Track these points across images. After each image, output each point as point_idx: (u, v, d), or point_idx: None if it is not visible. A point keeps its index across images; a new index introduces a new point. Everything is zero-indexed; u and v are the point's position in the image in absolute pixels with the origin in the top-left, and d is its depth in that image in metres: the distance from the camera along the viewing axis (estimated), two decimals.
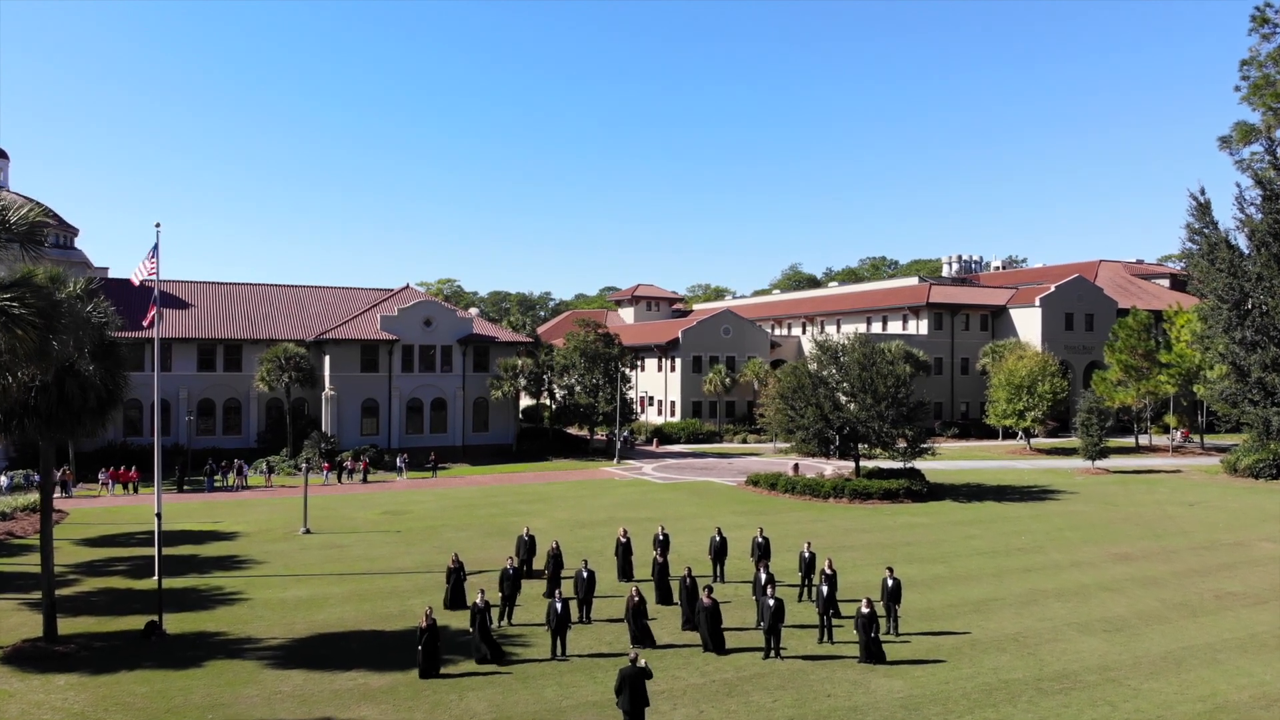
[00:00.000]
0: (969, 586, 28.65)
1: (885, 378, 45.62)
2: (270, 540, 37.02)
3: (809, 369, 48.32)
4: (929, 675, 20.68)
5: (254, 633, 24.32)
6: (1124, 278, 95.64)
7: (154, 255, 30.73)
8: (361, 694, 19.68)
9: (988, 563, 32.07)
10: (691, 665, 21.42)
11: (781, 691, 19.68)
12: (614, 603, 26.53)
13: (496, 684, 20.27)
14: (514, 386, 64.84)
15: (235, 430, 63.94)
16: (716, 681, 20.32)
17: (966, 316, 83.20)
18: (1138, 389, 66.06)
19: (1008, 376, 65.24)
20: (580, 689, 19.92)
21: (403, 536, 37.49)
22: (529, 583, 28.96)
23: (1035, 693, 19.69)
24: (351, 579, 30.21)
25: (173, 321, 63.84)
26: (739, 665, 21.39)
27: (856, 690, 19.77)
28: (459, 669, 21.20)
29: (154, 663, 21.88)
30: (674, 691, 19.67)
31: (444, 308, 67.05)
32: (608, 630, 24.19)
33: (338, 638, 23.81)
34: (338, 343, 62.56)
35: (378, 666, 21.41)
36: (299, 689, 20.03)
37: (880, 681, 20.27)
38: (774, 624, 21.62)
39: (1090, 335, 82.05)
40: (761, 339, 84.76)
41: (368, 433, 63.18)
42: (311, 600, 27.49)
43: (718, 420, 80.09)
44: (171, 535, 37.97)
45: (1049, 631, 24.05)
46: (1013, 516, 41.27)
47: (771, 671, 20.97)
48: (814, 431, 46.55)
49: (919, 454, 46.10)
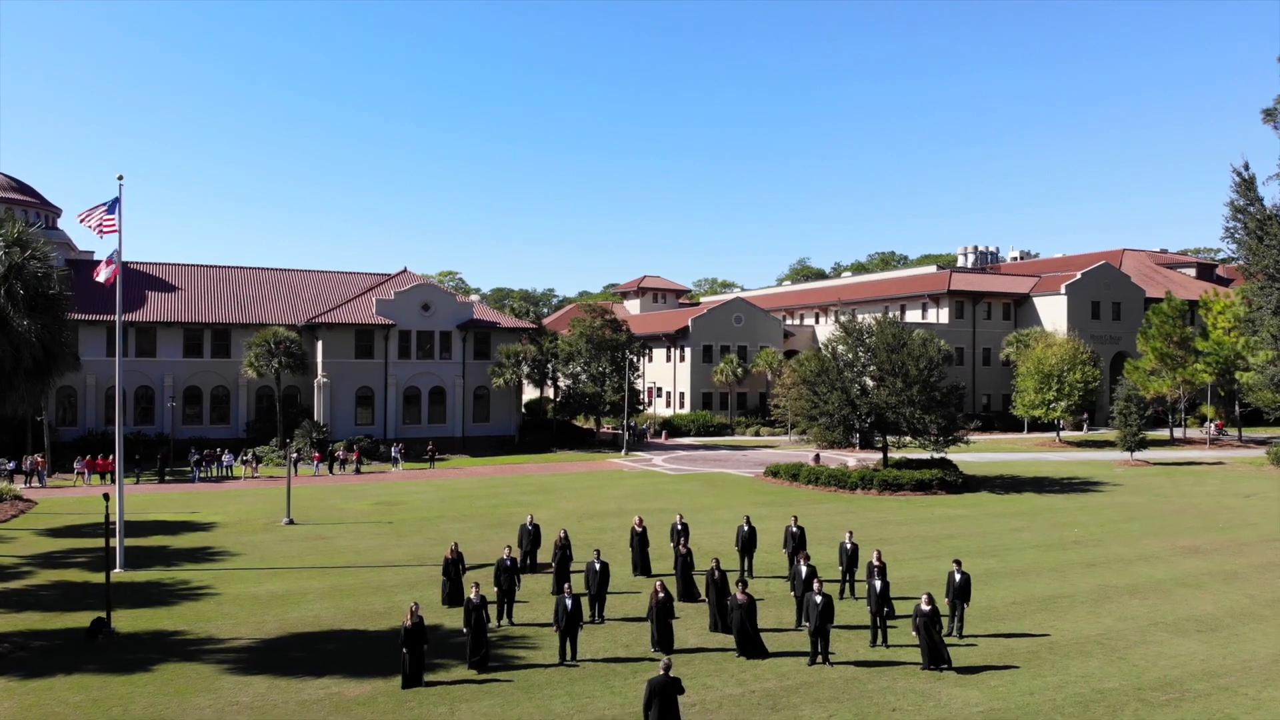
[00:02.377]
0: (1029, 582, 25.39)
1: (917, 360, 42.31)
2: (249, 531, 33.82)
3: (834, 351, 44.97)
4: (1008, 684, 17.42)
5: (217, 632, 21.12)
6: (1149, 267, 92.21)
7: (114, 209, 27.68)
8: (333, 706, 16.45)
9: (1044, 556, 28.77)
10: (725, 673, 18.17)
11: (835, 704, 16.44)
12: (630, 600, 23.32)
13: (495, 694, 17.03)
14: (516, 374, 61.50)
15: (223, 420, 60.67)
16: (757, 692, 17.07)
17: (989, 305, 79.78)
18: (1173, 378, 62.67)
19: (1036, 364, 61.88)
20: (594, 700, 16.68)
21: (394, 528, 34.29)
22: (534, 577, 25.81)
23: (1140, 704, 16.45)
24: (334, 572, 26.99)
25: (157, 305, 60.63)
26: (781, 672, 18.14)
27: (925, 702, 16.51)
28: (451, 675, 17.97)
29: (97, 666, 18.72)
30: (707, 704, 16.43)
31: (443, 292, 63.72)
32: (624, 630, 20.96)
33: (313, 638, 20.60)
34: (331, 327, 59.30)
35: (356, 673, 18.19)
36: (260, 699, 16.82)
37: (952, 692, 17.01)
38: (821, 624, 18.35)
39: (1117, 325, 78.67)
40: (774, 328, 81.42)
41: (362, 423, 59.92)
42: (287, 596, 24.28)
43: (729, 412, 76.77)
44: (143, 526, 34.91)
45: (1134, 633, 20.78)
46: (1058, 508, 37.97)
47: (820, 680, 17.71)
48: (839, 418, 43.22)
49: (953, 442, 42.74)
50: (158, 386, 58.58)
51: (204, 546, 31.09)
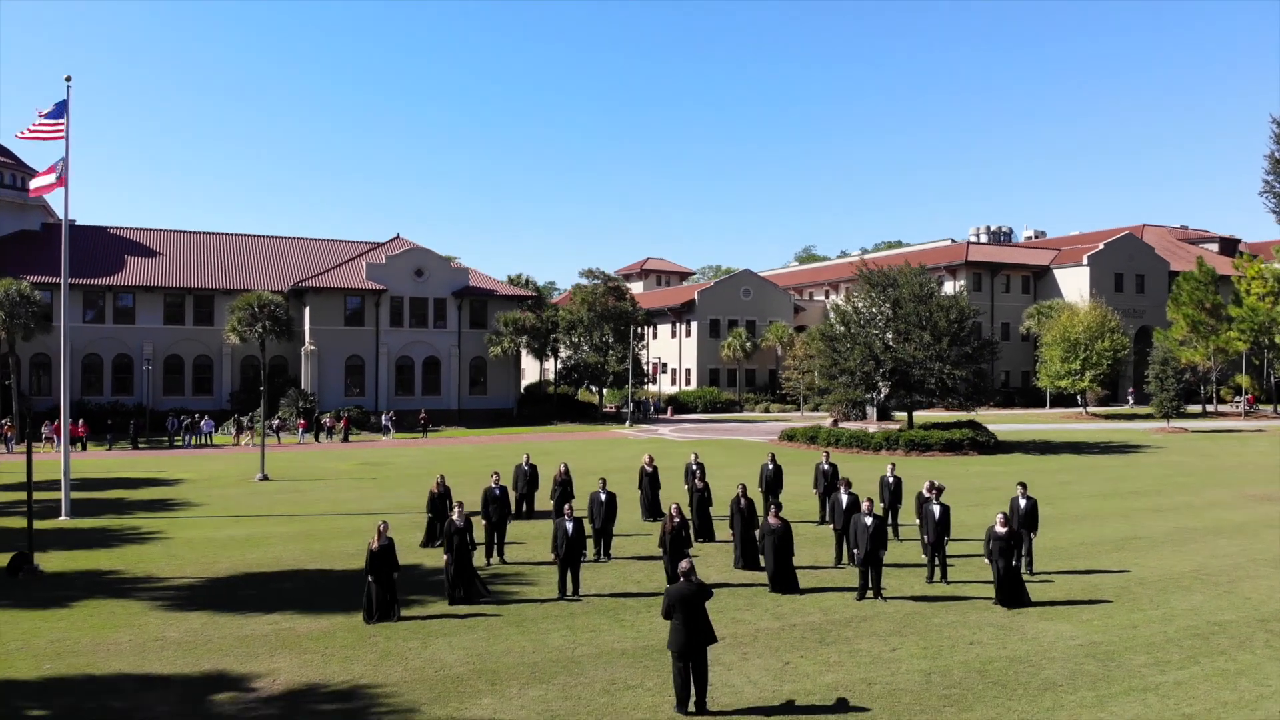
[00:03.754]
0: (1096, 526, 22.28)
1: (946, 310, 39.21)
2: (218, 486, 30.83)
3: (854, 305, 41.86)
4: (1103, 618, 14.34)
5: (158, 572, 18.10)
6: (1170, 242, 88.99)
7: (61, 114, 24.68)
8: (279, 641, 13.40)
9: (1103, 504, 25.63)
10: (758, 606, 15.11)
11: (897, 637, 13.37)
12: (640, 541, 20.31)
13: (479, 628, 13.98)
14: (515, 343, 58.31)
15: (206, 390, 57.56)
16: (799, 626, 14.00)
17: (1007, 277, 76.55)
18: (1205, 346, 59.49)
19: (1063, 332, 58.73)
20: (600, 634, 13.64)
21: (378, 483, 31.28)
22: (530, 523, 22.79)
23: (1269, 634, 13.40)
24: (306, 520, 23.95)
25: (137, 269, 57.58)
26: (825, 606, 15.08)
27: (1009, 636, 13.44)
28: (429, 610, 14.93)
29: (9, 601, 15.75)
30: (740, 638, 13.37)
31: (437, 257, 60.45)
32: (634, 568, 17.91)
33: (268, 577, 17.57)
34: (319, 292, 56.21)
35: (313, 609, 15.17)
36: (191, 634, 13.79)
37: (1038, 626, 13.95)
38: (873, 549, 15.26)
39: (1141, 298, 75.46)
40: (784, 302, 78.25)
41: (352, 394, 56.79)
42: (247, 539, 21.23)
43: (737, 389, 73.58)
44: (103, 482, 32.03)
45: (1234, 569, 17.69)
46: (1103, 466, 34.84)
47: (874, 614, 14.65)
48: (860, 376, 40.08)
49: (983, 401, 39.64)
50: (136, 355, 55.52)
51: (165, 499, 28.10)
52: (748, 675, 11.80)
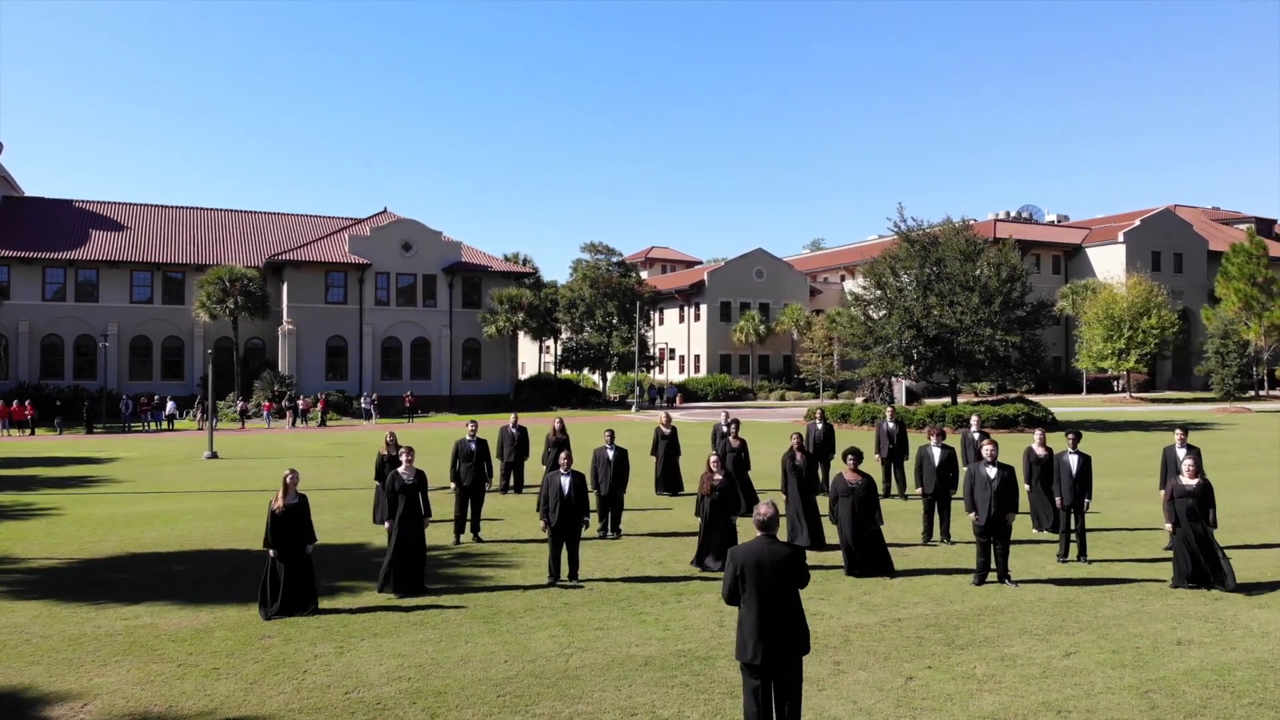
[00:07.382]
0: (1230, 497, 17.64)
1: (997, 269, 34.61)
2: (156, 465, 26.23)
3: (892, 266, 37.23)
4: None
5: (21, 552, 13.54)
6: (1204, 222, 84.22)
7: None
8: (126, 644, 8.85)
9: (1218, 476, 20.93)
10: (837, 594, 10.49)
11: (1064, 636, 8.79)
12: (656, 517, 15.81)
13: (429, 625, 9.39)
14: (511, 323, 53.61)
15: (176, 374, 52.97)
16: (906, 621, 9.38)
17: (1037, 257, 71.80)
18: (1259, 323, 54.76)
19: (1105, 309, 54.06)
20: (610, 633, 9.05)
21: (345, 461, 26.67)
22: (519, 498, 18.29)
23: None
24: (237, 495, 19.36)
25: (101, 243, 53.01)
26: (934, 594, 10.47)
27: (1227, 630, 8.86)
28: (359, 602, 10.34)
29: None
30: (827, 640, 8.73)
31: (427, 230, 55.72)
32: (651, 545, 13.32)
33: (158, 558, 13.01)
34: (297, 266, 51.61)
35: (197, 598, 10.57)
36: (8, 630, 9.21)
37: (1258, 615, 9.34)
38: (999, 513, 10.64)
39: (1179, 278, 70.65)
40: (800, 284, 73.53)
41: (334, 377, 52.14)
42: (157, 516, 16.65)
43: (750, 376, 68.85)
44: (26, 460, 27.44)
45: None
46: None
47: (1012, 603, 10.04)
48: (898, 346, 35.44)
49: (1038, 365, 35.10)
50: (99, 336, 50.96)
51: (86, 476, 23.51)
52: (854, 699, 7.19)
